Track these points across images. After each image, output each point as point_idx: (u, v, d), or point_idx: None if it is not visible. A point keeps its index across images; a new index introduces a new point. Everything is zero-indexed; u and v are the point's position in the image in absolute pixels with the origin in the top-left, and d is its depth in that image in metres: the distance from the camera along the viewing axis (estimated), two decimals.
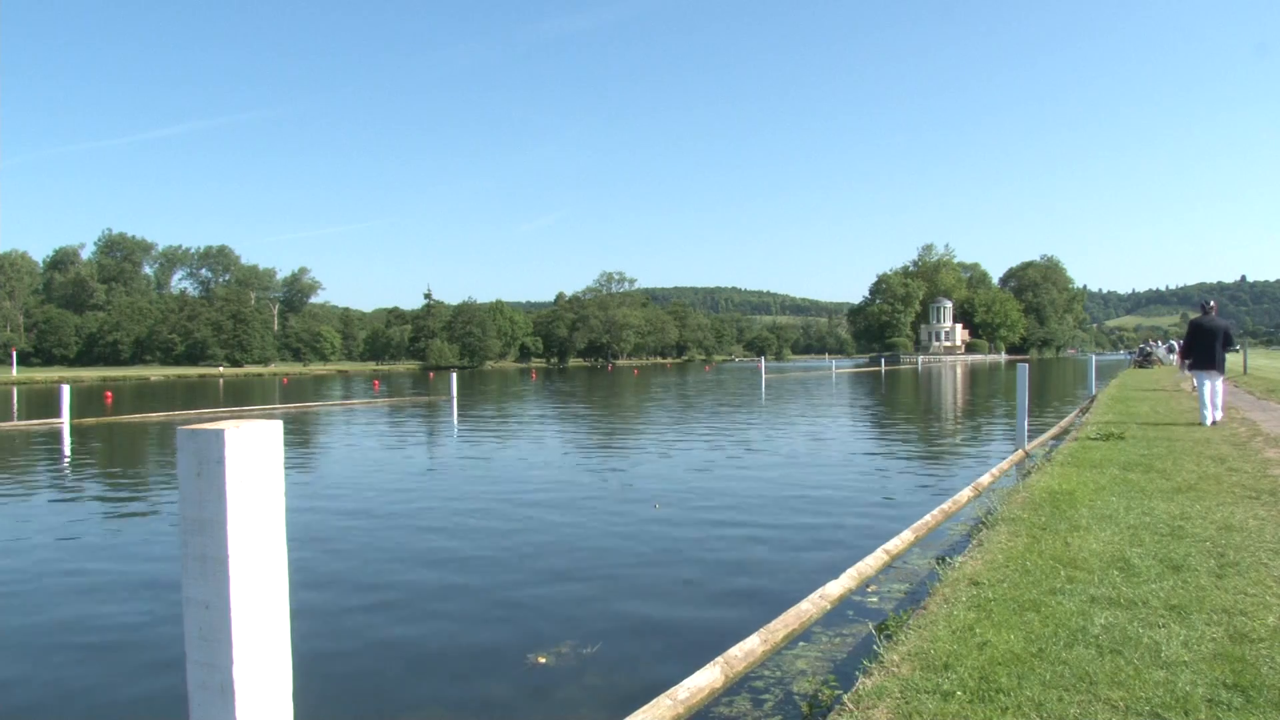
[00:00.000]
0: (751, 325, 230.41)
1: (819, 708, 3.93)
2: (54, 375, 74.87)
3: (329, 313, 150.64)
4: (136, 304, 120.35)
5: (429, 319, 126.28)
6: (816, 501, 9.69)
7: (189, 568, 1.72)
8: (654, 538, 7.91)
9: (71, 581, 6.74)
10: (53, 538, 8.41)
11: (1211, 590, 4.37)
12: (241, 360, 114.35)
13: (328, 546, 7.78)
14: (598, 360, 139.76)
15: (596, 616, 5.60)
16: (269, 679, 1.73)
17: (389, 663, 4.86)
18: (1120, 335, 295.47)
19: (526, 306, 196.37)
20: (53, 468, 14.44)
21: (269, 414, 22.11)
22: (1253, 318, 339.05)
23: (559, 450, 15.84)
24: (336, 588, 6.42)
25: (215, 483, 1.67)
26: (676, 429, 19.84)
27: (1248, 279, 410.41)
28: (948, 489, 9.76)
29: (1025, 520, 6.21)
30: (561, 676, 4.55)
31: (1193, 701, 3.05)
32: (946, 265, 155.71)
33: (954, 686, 3.26)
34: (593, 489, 10.97)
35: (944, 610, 4.22)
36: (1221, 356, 12.91)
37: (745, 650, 4.33)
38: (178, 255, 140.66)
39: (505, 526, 8.59)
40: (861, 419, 23.15)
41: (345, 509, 9.78)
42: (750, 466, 12.86)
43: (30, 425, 22.83)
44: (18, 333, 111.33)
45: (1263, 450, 9.74)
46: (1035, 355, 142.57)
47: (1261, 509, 6.39)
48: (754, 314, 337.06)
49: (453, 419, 24.51)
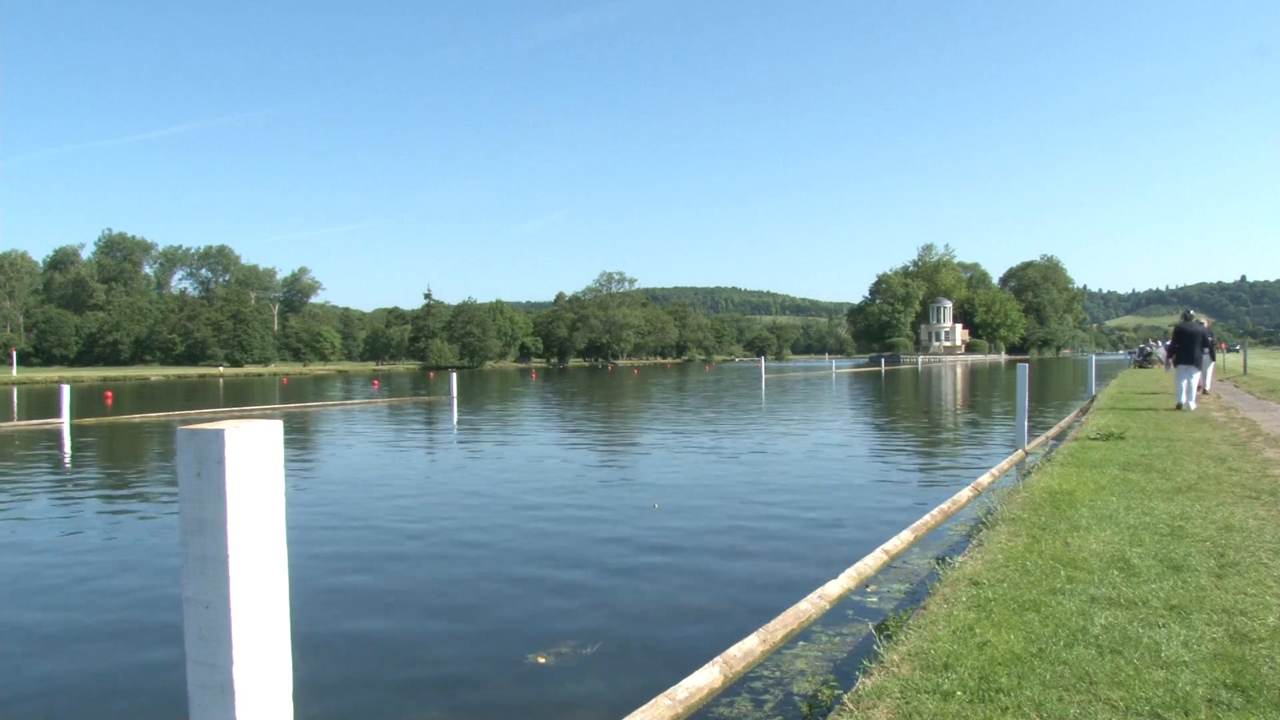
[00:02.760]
0: (751, 325, 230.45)
1: (819, 708, 3.93)
2: (54, 375, 74.86)
3: (329, 313, 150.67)
4: (136, 304, 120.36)
5: (429, 319, 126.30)
6: (816, 501, 9.69)
7: (189, 568, 1.72)
8: (653, 537, 7.91)
9: (71, 581, 6.73)
10: (52, 537, 8.40)
11: (1211, 590, 4.37)
12: (241, 360, 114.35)
13: (327, 546, 7.78)
14: (598, 360, 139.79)
15: (596, 616, 5.60)
16: (269, 679, 1.73)
17: (388, 663, 4.86)
18: (1120, 335, 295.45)
19: (526, 306, 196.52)
20: (53, 468, 14.43)
21: (269, 414, 22.11)
22: (1253, 318, 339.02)
23: (558, 450, 15.84)
24: (336, 588, 6.42)
25: (215, 483, 1.67)
26: (676, 429, 19.84)
27: (1248, 279, 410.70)
28: (947, 489, 9.75)
29: (1025, 520, 6.21)
30: (561, 676, 4.55)
31: (1193, 701, 3.05)
32: (946, 265, 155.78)
33: (954, 686, 3.26)
34: (592, 489, 10.97)
35: (944, 610, 4.22)
36: (1199, 355, 15.45)
37: (744, 650, 4.33)
38: (178, 255, 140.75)
39: (504, 526, 8.58)
40: (861, 419, 23.14)
41: (345, 509, 9.78)
42: (750, 466, 12.86)
43: (30, 425, 22.82)
44: (18, 333, 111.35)
45: (1263, 450, 9.74)
46: (1035, 355, 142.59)
47: (1261, 509, 6.39)
48: (754, 314, 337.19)
49: (452, 419, 24.51)
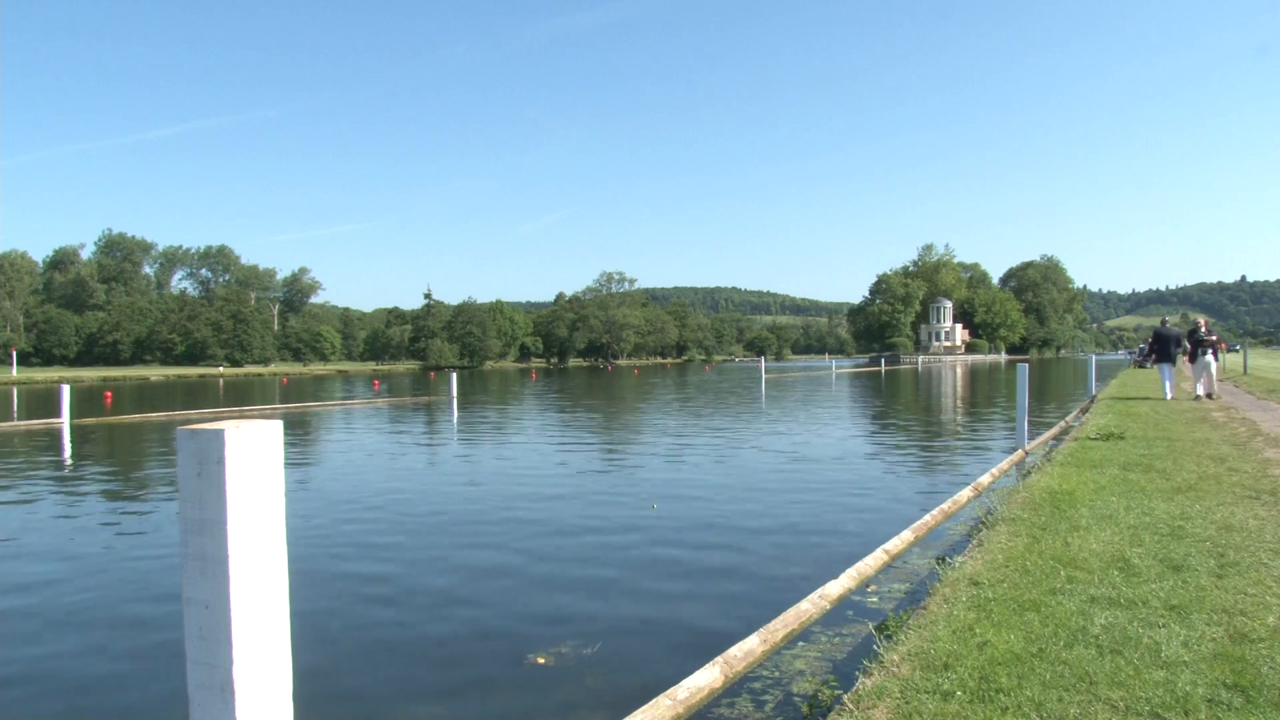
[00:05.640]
0: (751, 325, 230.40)
1: (819, 708, 3.93)
2: (54, 375, 74.85)
3: (329, 313, 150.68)
4: (136, 304, 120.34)
5: (429, 319, 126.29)
6: (816, 501, 9.69)
7: (189, 568, 1.71)
8: (653, 537, 7.91)
9: (70, 580, 6.74)
10: (52, 537, 8.41)
11: (1211, 590, 4.37)
12: (241, 360, 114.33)
13: (327, 546, 7.78)
14: (598, 360, 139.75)
15: (596, 616, 5.60)
16: (269, 679, 1.73)
17: (388, 663, 4.86)
18: (1120, 335, 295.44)
19: (526, 306, 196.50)
20: (53, 468, 14.44)
21: (269, 414, 22.11)
22: (1253, 318, 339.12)
23: (558, 450, 15.84)
24: (336, 588, 6.42)
25: (215, 483, 1.67)
26: (676, 429, 19.83)
27: (1248, 279, 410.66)
28: (947, 489, 9.75)
29: (1025, 520, 6.21)
30: (561, 676, 4.55)
31: (1193, 701, 3.05)
32: (946, 265, 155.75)
33: (954, 686, 3.26)
34: (591, 489, 10.97)
35: (944, 610, 4.21)
36: (1174, 354, 19.18)
37: (745, 650, 4.33)
38: (178, 255, 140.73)
39: (504, 526, 8.58)
40: (861, 419, 23.14)
41: (344, 509, 9.78)
42: (749, 466, 12.86)
43: (30, 425, 22.82)
44: (18, 333, 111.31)
45: (1263, 450, 9.73)
46: (1035, 355, 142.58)
47: (1261, 509, 6.38)
48: (754, 314, 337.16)
49: (452, 419, 24.51)
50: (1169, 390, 18.78)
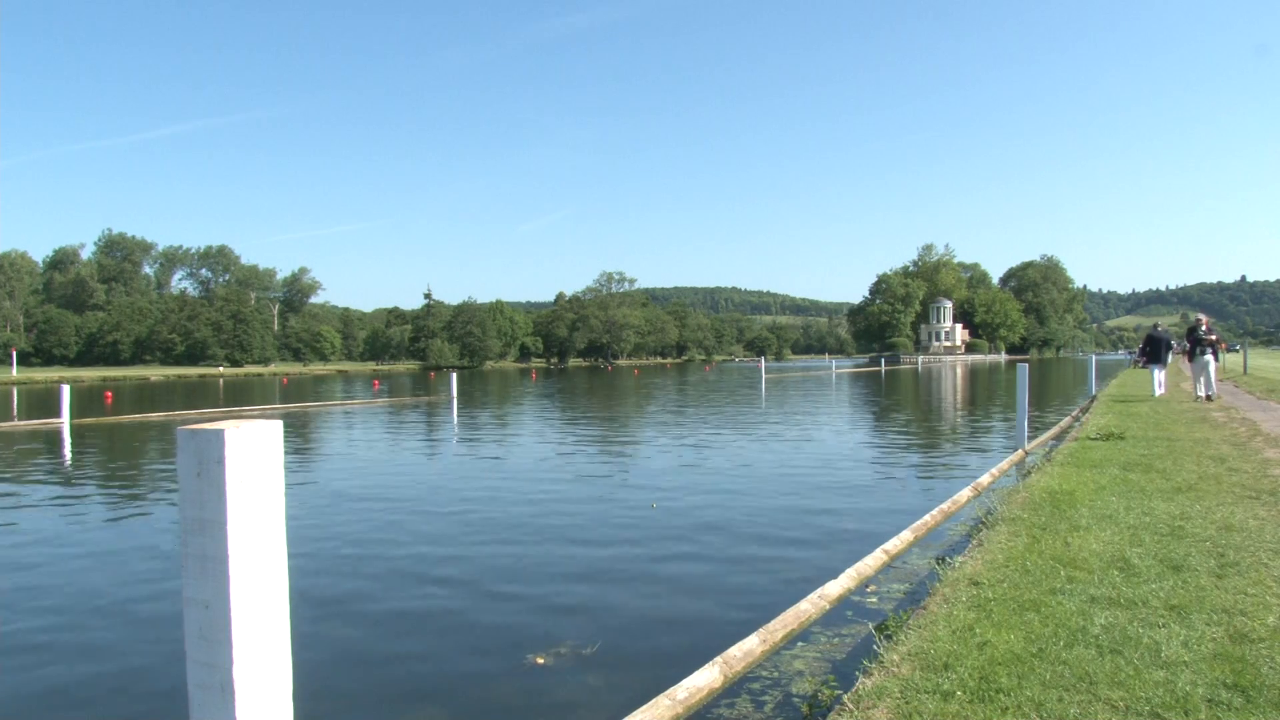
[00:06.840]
0: (751, 325, 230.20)
1: (819, 708, 3.93)
2: (54, 375, 74.84)
3: (329, 313, 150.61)
4: (136, 304, 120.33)
5: (429, 319, 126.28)
6: (816, 501, 9.69)
7: (189, 567, 1.72)
8: (652, 537, 7.91)
9: (70, 580, 6.74)
10: (51, 537, 8.40)
11: (1211, 590, 4.37)
12: (241, 360, 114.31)
13: (326, 546, 7.78)
14: (598, 360, 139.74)
15: (596, 616, 5.60)
16: (269, 679, 1.73)
17: (388, 663, 4.86)
18: (1120, 335, 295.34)
19: (526, 306, 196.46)
20: (53, 468, 14.43)
21: (269, 414, 22.11)
22: (1253, 318, 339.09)
23: (557, 450, 15.84)
24: (335, 587, 6.42)
25: (215, 483, 1.67)
26: (675, 428, 19.84)
27: (1248, 279, 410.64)
28: (947, 489, 9.75)
29: (1025, 520, 6.21)
30: (561, 676, 4.55)
31: (1193, 701, 3.05)
32: (946, 265, 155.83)
33: (954, 686, 3.26)
34: (591, 489, 10.97)
35: (944, 610, 4.21)
36: (1165, 356, 20.71)
37: (744, 650, 4.33)
38: (178, 255, 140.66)
39: (503, 526, 8.58)
40: (861, 419, 23.14)
41: (344, 508, 9.78)
42: (749, 466, 12.85)
43: (30, 425, 22.82)
44: (18, 333, 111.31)
45: (1263, 450, 9.73)
46: (1035, 355, 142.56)
47: (1261, 509, 6.38)
48: (754, 314, 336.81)
49: (452, 419, 24.52)
50: (1157, 388, 20.11)
